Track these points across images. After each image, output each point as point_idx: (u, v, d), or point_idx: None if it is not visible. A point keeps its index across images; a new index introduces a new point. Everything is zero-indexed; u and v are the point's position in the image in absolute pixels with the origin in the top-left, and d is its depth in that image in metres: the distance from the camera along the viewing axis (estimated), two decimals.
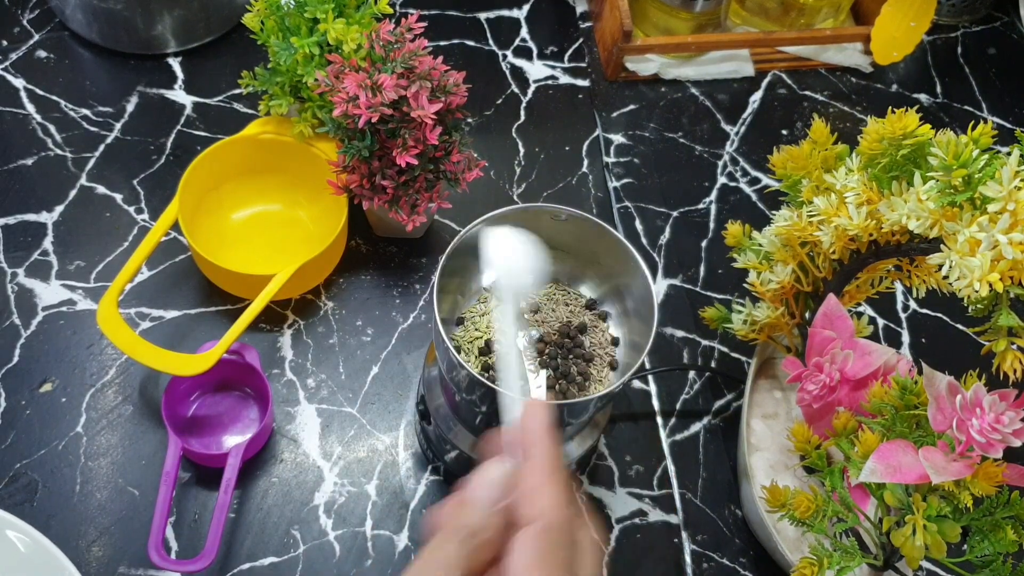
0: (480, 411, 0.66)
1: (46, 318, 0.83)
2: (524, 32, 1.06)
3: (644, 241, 0.93)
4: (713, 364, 0.88)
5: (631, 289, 0.68)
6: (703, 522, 0.80)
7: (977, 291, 0.54)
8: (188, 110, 0.96)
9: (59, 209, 0.88)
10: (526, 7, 1.08)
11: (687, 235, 0.94)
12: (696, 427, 0.84)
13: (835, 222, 0.65)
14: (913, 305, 0.93)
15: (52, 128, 0.93)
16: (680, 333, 0.89)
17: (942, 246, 0.57)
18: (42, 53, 0.98)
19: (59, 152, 0.91)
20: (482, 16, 1.07)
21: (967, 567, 0.61)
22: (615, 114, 1.01)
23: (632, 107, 1.02)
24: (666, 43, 1.01)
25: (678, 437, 0.84)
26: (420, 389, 0.76)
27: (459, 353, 0.65)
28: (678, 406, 0.85)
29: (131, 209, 0.89)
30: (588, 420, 0.72)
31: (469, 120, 0.99)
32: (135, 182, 0.91)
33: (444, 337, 0.59)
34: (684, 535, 0.79)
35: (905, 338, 0.91)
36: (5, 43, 0.98)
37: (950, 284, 0.56)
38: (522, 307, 0.70)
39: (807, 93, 1.06)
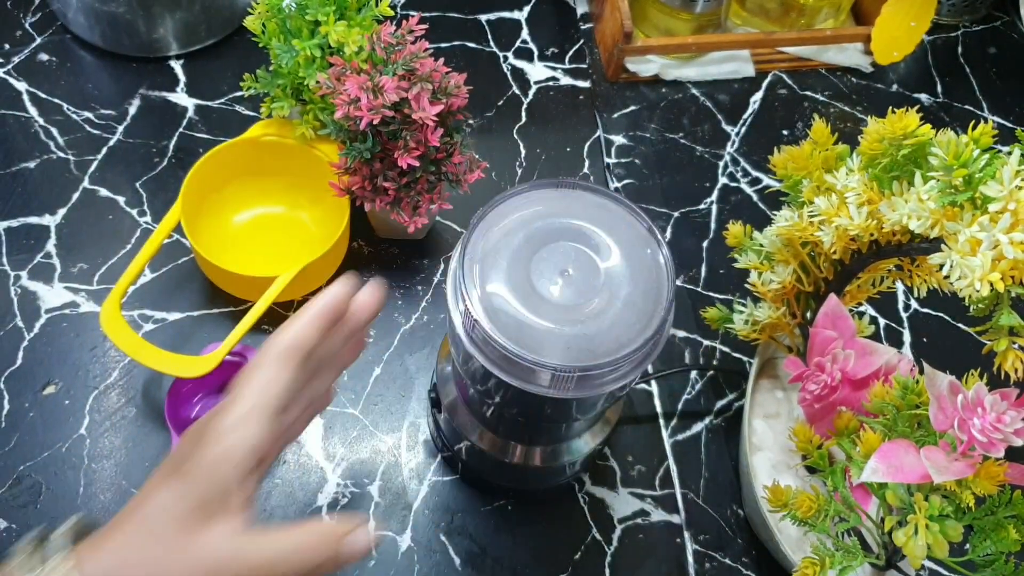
0: (493, 402, 0.66)
1: (49, 320, 0.83)
2: (525, 34, 1.06)
3: None
4: (715, 364, 0.88)
5: None
6: (705, 522, 0.80)
7: (978, 291, 0.55)
8: (190, 113, 0.96)
9: (62, 212, 0.89)
10: (527, 9, 1.08)
11: (688, 235, 0.95)
12: (698, 427, 0.85)
13: (836, 222, 0.65)
14: (914, 305, 0.93)
15: (54, 131, 0.93)
16: (682, 333, 0.89)
17: (943, 246, 0.58)
18: (44, 56, 0.98)
19: (61, 155, 0.92)
20: (483, 18, 1.07)
21: (969, 566, 0.61)
22: (616, 115, 1.02)
23: (633, 108, 1.02)
24: (667, 44, 1.01)
25: (680, 437, 0.84)
26: (433, 379, 0.77)
27: None
28: (680, 406, 0.85)
29: (134, 212, 0.89)
30: (598, 417, 0.73)
31: (470, 122, 0.99)
32: (137, 185, 0.91)
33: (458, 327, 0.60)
34: (686, 535, 0.79)
35: (906, 338, 0.91)
36: (7, 46, 0.98)
37: (951, 284, 0.56)
38: None
39: (808, 93, 1.06)
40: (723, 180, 0.98)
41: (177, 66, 0.99)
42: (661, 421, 0.85)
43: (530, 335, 0.57)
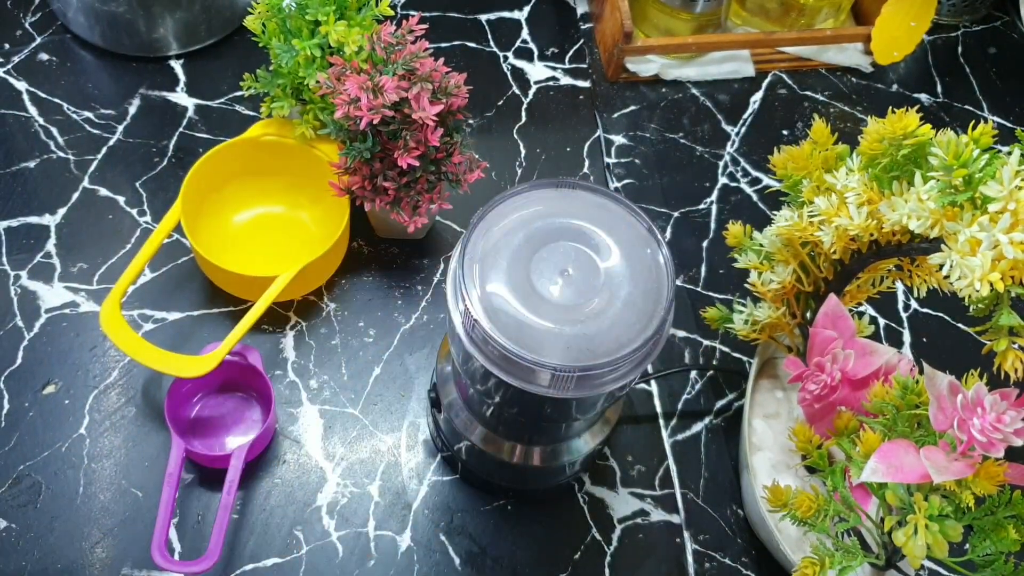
0: (493, 402, 0.67)
1: (49, 320, 0.83)
2: (525, 33, 1.06)
3: None
4: (715, 364, 0.88)
5: None
6: (705, 522, 0.80)
7: (978, 291, 0.55)
8: (190, 112, 0.96)
9: (62, 212, 0.89)
10: (527, 8, 1.08)
11: (688, 235, 0.95)
12: (698, 427, 0.85)
13: (836, 222, 0.65)
14: (914, 304, 0.93)
15: (54, 131, 0.93)
16: (682, 333, 0.89)
17: (943, 246, 0.58)
18: (44, 56, 0.98)
19: (61, 155, 0.92)
20: (483, 18, 1.07)
21: (969, 566, 0.61)
22: (616, 115, 1.02)
23: (633, 108, 1.02)
24: (667, 44, 1.01)
25: (680, 437, 0.84)
26: (433, 378, 0.77)
27: None
28: (680, 406, 0.85)
29: (134, 211, 0.89)
30: (597, 417, 0.73)
31: (470, 121, 0.99)
32: (137, 184, 0.91)
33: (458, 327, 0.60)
34: (686, 535, 0.79)
35: (906, 337, 0.91)
36: (7, 46, 0.98)
37: (951, 284, 0.56)
38: None
39: (808, 93, 1.06)
40: (723, 180, 0.99)
41: (177, 66, 0.99)
42: (661, 421, 0.85)
43: (530, 335, 0.57)
